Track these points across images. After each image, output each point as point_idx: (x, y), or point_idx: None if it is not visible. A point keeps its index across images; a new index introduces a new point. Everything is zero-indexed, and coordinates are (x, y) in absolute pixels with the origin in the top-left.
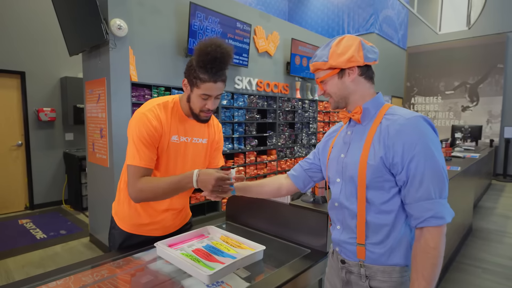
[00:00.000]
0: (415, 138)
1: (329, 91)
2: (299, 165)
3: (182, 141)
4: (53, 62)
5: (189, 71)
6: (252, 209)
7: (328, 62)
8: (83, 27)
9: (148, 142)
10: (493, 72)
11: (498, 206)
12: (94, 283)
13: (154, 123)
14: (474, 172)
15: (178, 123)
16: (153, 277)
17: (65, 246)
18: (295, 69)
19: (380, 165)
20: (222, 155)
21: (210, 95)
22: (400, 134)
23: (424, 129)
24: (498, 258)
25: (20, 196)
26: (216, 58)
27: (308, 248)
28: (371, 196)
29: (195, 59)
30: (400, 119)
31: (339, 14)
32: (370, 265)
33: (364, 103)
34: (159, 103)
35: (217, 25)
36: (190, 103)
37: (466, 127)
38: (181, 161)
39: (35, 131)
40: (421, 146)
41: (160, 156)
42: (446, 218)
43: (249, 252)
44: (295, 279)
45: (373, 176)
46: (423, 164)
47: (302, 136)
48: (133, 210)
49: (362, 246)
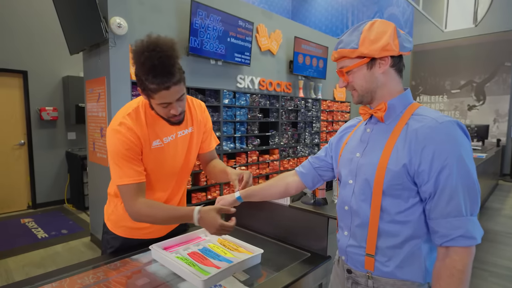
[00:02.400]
0: (447, 146)
1: (355, 83)
2: (308, 161)
3: (167, 142)
4: (55, 61)
5: (137, 80)
6: (251, 211)
7: (359, 49)
8: (83, 25)
9: (129, 157)
10: (500, 70)
11: (506, 207)
12: (89, 286)
13: (128, 136)
14: (480, 173)
15: (156, 127)
16: (149, 280)
17: (66, 246)
18: (298, 67)
19: (401, 172)
20: (214, 135)
21: (170, 102)
22: (430, 139)
23: (458, 137)
24: (505, 261)
25: (23, 195)
26: (155, 66)
27: (308, 252)
28: (386, 204)
29: (136, 68)
30: (431, 122)
31: (343, 12)
32: (379, 277)
33: (390, 100)
34: (129, 112)
35: (219, 23)
36: (155, 110)
37: (472, 127)
38: (171, 160)
39: (37, 130)
40: (454, 156)
41: (147, 163)
42: (477, 238)
43: (246, 256)
44: (295, 283)
45: (391, 183)
46: (455, 176)
47: (305, 136)
48: (126, 215)
49: (372, 257)
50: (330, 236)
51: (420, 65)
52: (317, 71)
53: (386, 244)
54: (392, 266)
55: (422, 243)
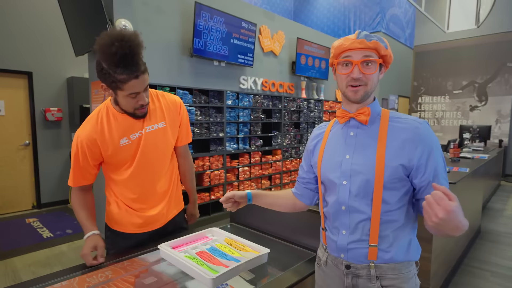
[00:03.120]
0: (431, 142)
1: (369, 80)
2: (297, 181)
3: (135, 138)
4: (59, 63)
5: (103, 75)
6: (256, 211)
7: (387, 50)
8: (88, 27)
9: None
10: (502, 71)
11: (508, 207)
12: (98, 284)
13: (83, 145)
14: (482, 173)
15: (121, 124)
16: (157, 279)
17: (71, 245)
18: (301, 68)
19: (398, 168)
20: (190, 132)
21: (138, 92)
22: (419, 139)
23: (433, 132)
24: (507, 261)
25: (28, 195)
26: (126, 55)
27: (313, 251)
28: (386, 196)
29: (104, 62)
30: (414, 123)
31: (345, 13)
32: (381, 265)
33: (370, 104)
34: (92, 115)
35: (222, 24)
36: (120, 105)
37: (474, 127)
38: (144, 154)
39: (42, 131)
40: (437, 149)
41: (120, 159)
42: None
43: (253, 255)
44: (301, 282)
45: (390, 178)
46: (441, 164)
47: (308, 136)
48: (123, 211)
49: (375, 247)
50: None
51: (422, 65)
52: (319, 72)
53: (387, 232)
54: (393, 251)
55: (412, 226)
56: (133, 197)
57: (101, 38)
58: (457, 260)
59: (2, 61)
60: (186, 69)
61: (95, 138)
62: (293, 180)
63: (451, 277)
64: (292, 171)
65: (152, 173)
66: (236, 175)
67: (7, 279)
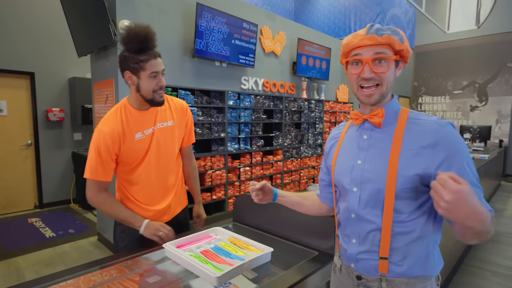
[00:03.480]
0: (453, 147)
1: (383, 79)
2: (319, 183)
3: (148, 133)
4: (61, 63)
5: (126, 62)
6: (259, 210)
7: (404, 43)
8: (91, 28)
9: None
10: (502, 71)
11: (508, 207)
12: (103, 283)
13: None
14: (483, 174)
15: (137, 120)
16: (162, 278)
17: (74, 245)
18: (302, 69)
19: (413, 177)
20: (193, 134)
21: (157, 71)
22: (439, 143)
23: (459, 137)
24: (507, 260)
25: (30, 195)
26: (146, 36)
27: (316, 250)
28: (398, 206)
29: (127, 48)
30: (434, 126)
31: (346, 13)
32: (393, 278)
33: (385, 105)
34: (112, 113)
35: (224, 25)
36: (141, 91)
37: (474, 127)
38: (155, 149)
39: (44, 131)
40: (461, 154)
41: (135, 153)
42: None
43: (257, 254)
44: (303, 281)
45: (403, 187)
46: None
47: (308, 136)
48: (134, 205)
49: (386, 259)
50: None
51: (423, 66)
52: (320, 72)
53: (400, 244)
54: (407, 265)
55: (431, 238)
56: (144, 191)
57: (123, 33)
58: (458, 259)
59: (5, 61)
60: (188, 69)
61: (117, 132)
62: (294, 180)
63: (452, 277)
64: (293, 171)
65: (162, 168)
66: (238, 175)
67: (11, 278)
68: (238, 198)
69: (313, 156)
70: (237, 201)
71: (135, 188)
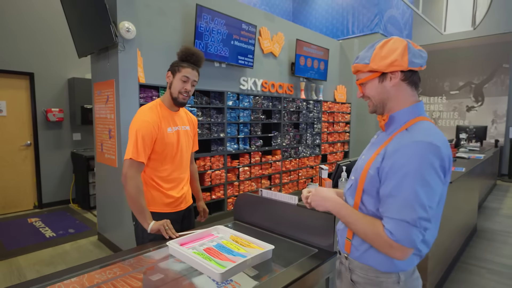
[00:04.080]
0: (403, 161)
1: (368, 94)
2: None
3: (175, 130)
4: (61, 63)
5: (172, 66)
6: (260, 209)
7: (369, 65)
8: (92, 29)
9: (145, 141)
10: (498, 72)
11: (503, 206)
12: (107, 281)
13: (151, 125)
14: (479, 173)
15: (168, 117)
16: (164, 276)
17: (74, 245)
18: (300, 69)
19: (375, 176)
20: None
21: (189, 78)
22: (396, 153)
23: (420, 157)
24: (503, 258)
25: (29, 195)
26: (194, 53)
27: (316, 248)
28: (364, 200)
29: (179, 55)
30: (407, 141)
31: (344, 14)
32: (352, 259)
33: (395, 112)
34: (151, 107)
35: (223, 26)
36: (171, 89)
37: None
38: (177, 146)
39: (43, 131)
40: (404, 171)
41: (167, 144)
42: (396, 237)
43: (258, 252)
44: (303, 278)
45: (369, 183)
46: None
47: (307, 137)
48: (158, 192)
49: (349, 240)
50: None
51: None
52: (318, 73)
53: None
54: (361, 250)
55: None
56: (168, 178)
57: (182, 47)
58: (454, 257)
59: (4, 62)
60: None
61: (156, 122)
62: (292, 180)
63: (448, 274)
64: (291, 171)
65: (183, 161)
66: (237, 175)
67: (12, 278)
68: (239, 197)
69: (311, 156)
70: (238, 200)
71: (161, 175)
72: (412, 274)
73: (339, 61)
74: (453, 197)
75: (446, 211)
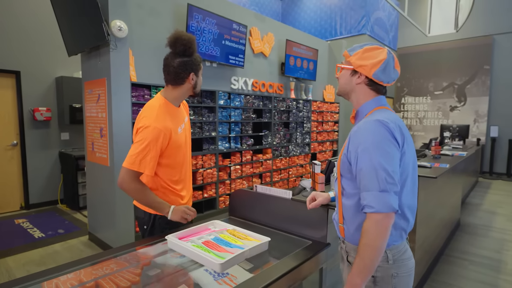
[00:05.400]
0: (361, 139)
1: (339, 80)
2: None
3: (183, 127)
4: (48, 62)
5: (190, 65)
6: (254, 205)
7: (351, 57)
8: (83, 28)
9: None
10: (480, 73)
11: (485, 202)
12: (104, 275)
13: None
14: (462, 170)
15: (177, 115)
16: (161, 270)
17: (65, 245)
18: (290, 69)
19: (344, 159)
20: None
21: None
22: (354, 135)
23: (373, 130)
24: (484, 251)
25: (15, 196)
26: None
27: (310, 240)
28: (343, 184)
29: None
30: (361, 122)
31: (332, 15)
32: (347, 243)
33: (360, 107)
34: (155, 108)
35: (214, 26)
36: (197, 88)
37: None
38: (185, 145)
39: (30, 131)
40: (363, 145)
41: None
42: (375, 207)
43: (255, 244)
44: (298, 268)
45: (343, 168)
46: (362, 161)
47: (297, 135)
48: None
49: (342, 225)
50: (330, 225)
51: (405, 67)
52: (307, 73)
53: (347, 214)
54: (352, 232)
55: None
56: (179, 179)
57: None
58: (439, 250)
59: None
60: None
61: (169, 128)
62: (283, 178)
63: (433, 266)
64: (281, 169)
65: (189, 158)
66: (228, 173)
67: (2, 278)
68: (233, 193)
69: (301, 155)
70: (232, 196)
71: (171, 176)
72: (403, 253)
73: (327, 61)
74: (438, 193)
75: (432, 206)
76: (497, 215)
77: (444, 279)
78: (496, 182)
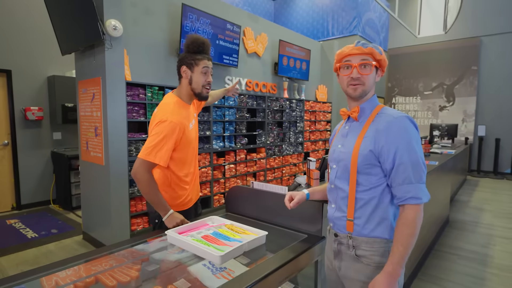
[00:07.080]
0: (398, 134)
1: (366, 79)
2: None
3: (193, 123)
4: (40, 61)
5: (184, 59)
6: (251, 200)
7: (382, 55)
8: (78, 27)
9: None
10: (467, 73)
11: (472, 199)
12: (103, 271)
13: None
14: (450, 168)
15: (188, 112)
16: (159, 266)
17: (59, 244)
18: (283, 69)
19: (369, 155)
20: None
21: (208, 68)
22: (387, 130)
23: (408, 127)
24: (472, 245)
25: (7, 196)
26: (205, 42)
27: (305, 234)
28: (360, 179)
29: (188, 48)
30: (388, 117)
31: (324, 16)
32: (356, 237)
33: (362, 103)
34: (170, 104)
35: (208, 26)
36: (192, 84)
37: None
38: (195, 141)
39: (22, 130)
40: (403, 141)
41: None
42: (422, 198)
43: (253, 237)
44: (293, 261)
45: (362, 164)
46: (405, 156)
47: (290, 135)
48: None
49: (351, 220)
50: (325, 219)
51: (396, 67)
52: (300, 73)
53: (361, 209)
54: (366, 227)
55: (391, 209)
56: (188, 174)
57: (188, 39)
58: (429, 245)
59: None
60: (173, 69)
61: (183, 123)
62: (276, 177)
63: (424, 260)
64: (275, 168)
65: (196, 154)
66: (223, 172)
67: None
68: (230, 190)
69: (294, 154)
70: (229, 193)
71: (184, 175)
72: None
73: (320, 61)
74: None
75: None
76: (484, 211)
77: (434, 273)
78: (484, 180)
